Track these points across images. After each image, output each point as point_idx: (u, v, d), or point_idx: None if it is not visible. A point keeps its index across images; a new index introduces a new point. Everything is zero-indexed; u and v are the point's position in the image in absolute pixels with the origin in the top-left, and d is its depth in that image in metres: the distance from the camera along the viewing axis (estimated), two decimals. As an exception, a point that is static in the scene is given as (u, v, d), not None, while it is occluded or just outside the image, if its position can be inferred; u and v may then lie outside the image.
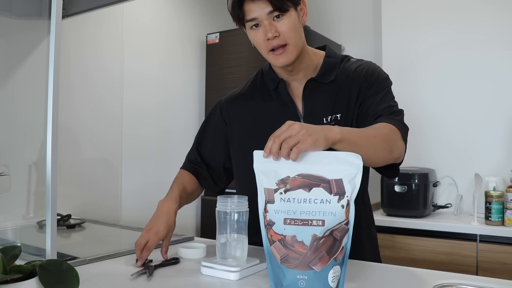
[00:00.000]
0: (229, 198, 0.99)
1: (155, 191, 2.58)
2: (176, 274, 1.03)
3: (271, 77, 1.23)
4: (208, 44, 2.87)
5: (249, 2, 1.07)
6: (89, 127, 2.20)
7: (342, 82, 1.16)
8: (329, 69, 1.18)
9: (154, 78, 2.59)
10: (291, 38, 1.09)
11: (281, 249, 0.82)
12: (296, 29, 1.10)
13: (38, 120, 1.26)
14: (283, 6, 1.06)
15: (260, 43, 1.11)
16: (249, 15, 1.08)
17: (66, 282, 0.75)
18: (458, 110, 2.42)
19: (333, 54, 1.23)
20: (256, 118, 1.23)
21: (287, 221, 0.82)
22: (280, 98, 1.21)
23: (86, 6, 1.53)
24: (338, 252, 0.81)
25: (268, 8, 1.06)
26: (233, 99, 1.31)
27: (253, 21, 1.08)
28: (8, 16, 1.47)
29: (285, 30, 1.08)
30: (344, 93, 1.15)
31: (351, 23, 3.03)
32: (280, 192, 0.84)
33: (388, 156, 1.01)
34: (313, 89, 1.17)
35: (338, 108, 1.15)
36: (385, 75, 1.18)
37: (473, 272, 1.93)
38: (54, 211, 0.95)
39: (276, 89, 1.22)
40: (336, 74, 1.17)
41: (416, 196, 2.20)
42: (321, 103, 1.16)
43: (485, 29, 2.36)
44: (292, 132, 0.83)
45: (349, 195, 0.82)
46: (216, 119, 1.32)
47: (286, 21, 1.08)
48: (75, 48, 2.12)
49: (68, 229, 1.68)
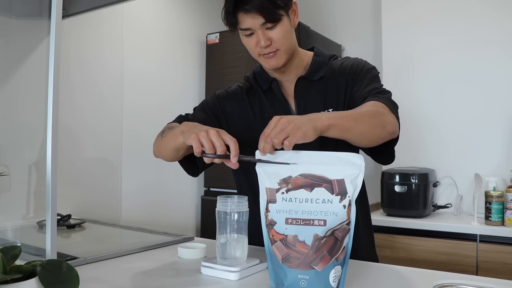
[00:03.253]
0: (229, 198, 0.99)
1: (155, 191, 2.59)
2: (176, 274, 1.03)
3: (263, 77, 1.25)
4: (208, 44, 2.87)
5: (242, 13, 1.08)
6: (89, 127, 2.20)
7: (330, 78, 1.20)
8: (318, 67, 1.22)
9: (154, 78, 2.59)
10: (282, 45, 1.12)
11: (282, 248, 0.83)
12: (288, 35, 1.13)
13: (38, 120, 1.26)
14: (276, 17, 1.08)
15: (252, 49, 1.15)
16: (242, 25, 1.10)
17: (66, 282, 0.75)
18: (458, 110, 2.43)
19: (321, 53, 1.27)
20: (251, 118, 1.24)
21: (288, 221, 0.83)
22: (273, 97, 1.23)
23: (86, 6, 1.53)
24: (339, 252, 0.81)
25: (261, 19, 1.07)
26: (229, 95, 1.30)
27: (246, 31, 1.11)
28: (8, 16, 1.47)
29: (278, 38, 1.10)
30: (332, 88, 1.18)
31: (351, 23, 3.03)
32: (282, 191, 0.84)
33: (382, 132, 1.00)
34: (304, 86, 1.20)
35: (329, 103, 1.18)
36: (371, 66, 1.21)
37: (473, 272, 1.94)
38: (54, 211, 0.95)
39: (269, 88, 1.24)
40: (325, 71, 1.20)
41: (416, 196, 2.20)
42: (313, 100, 1.19)
43: (484, 30, 2.36)
44: (281, 127, 0.84)
45: (350, 195, 0.82)
46: (213, 103, 1.29)
47: (279, 30, 1.10)
48: (76, 48, 2.12)
49: (68, 229, 1.68)
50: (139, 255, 1.21)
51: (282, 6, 1.08)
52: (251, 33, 1.11)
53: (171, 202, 2.67)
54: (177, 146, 1.04)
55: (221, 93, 1.32)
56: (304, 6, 3.04)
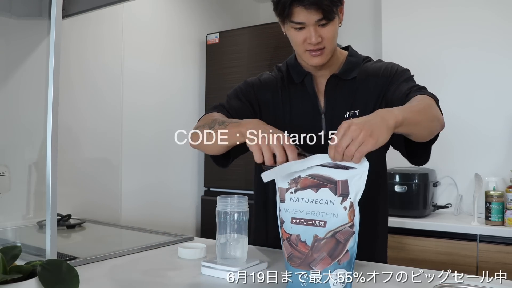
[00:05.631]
0: (229, 198, 0.99)
1: (155, 191, 2.59)
2: (176, 274, 1.03)
3: (297, 70, 1.23)
4: (208, 44, 2.87)
5: (300, 7, 1.04)
6: (89, 127, 2.20)
7: (361, 80, 1.19)
8: (351, 67, 1.21)
9: (154, 78, 2.59)
10: (331, 44, 1.11)
11: (287, 247, 0.84)
12: (336, 35, 1.12)
13: (38, 120, 1.26)
14: (332, 15, 1.06)
15: (299, 43, 1.11)
16: (297, 18, 1.07)
17: (66, 282, 0.75)
18: (458, 110, 2.42)
19: (355, 54, 1.26)
20: (280, 112, 1.22)
21: (293, 220, 0.84)
22: (304, 91, 1.22)
23: (86, 6, 1.53)
24: (341, 255, 0.80)
25: (318, 16, 1.05)
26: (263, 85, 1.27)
27: (298, 25, 1.08)
28: (8, 16, 1.47)
29: (328, 36, 1.09)
30: (363, 90, 1.18)
31: (351, 23, 3.02)
32: (291, 191, 0.85)
33: (437, 124, 1.01)
34: (335, 85, 1.20)
35: (357, 104, 1.17)
36: (404, 68, 1.22)
37: (473, 272, 1.93)
38: (54, 211, 0.95)
39: (302, 82, 1.22)
40: (358, 72, 1.20)
41: (416, 196, 2.19)
42: (341, 99, 1.18)
43: (486, 29, 2.36)
44: (352, 136, 0.79)
45: (352, 197, 0.81)
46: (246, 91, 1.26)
47: (331, 28, 1.08)
48: (76, 48, 2.12)
49: (68, 229, 1.67)
50: (139, 255, 1.21)
51: (338, 4, 1.08)
52: (302, 27, 1.08)
53: (171, 202, 2.67)
54: (231, 144, 0.99)
55: (255, 81, 1.28)
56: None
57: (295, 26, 1.08)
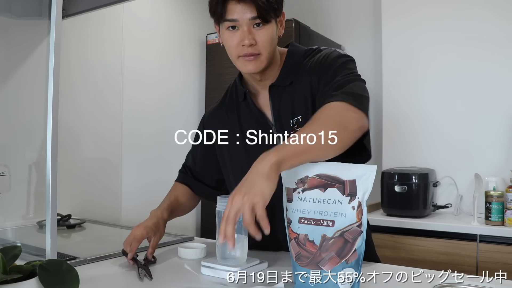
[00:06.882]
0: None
1: (155, 191, 2.57)
2: (176, 274, 1.03)
3: (239, 90, 1.21)
4: (208, 44, 2.86)
5: (235, 2, 1.02)
6: (89, 127, 2.20)
7: (299, 82, 1.12)
8: (289, 70, 1.14)
9: (154, 78, 2.59)
10: (265, 50, 1.06)
11: (295, 247, 0.85)
12: (272, 41, 1.07)
13: (38, 120, 1.26)
14: (267, 16, 1.03)
15: (232, 47, 1.07)
16: (230, 15, 1.03)
17: (66, 282, 0.75)
18: (458, 110, 2.42)
19: (295, 52, 1.17)
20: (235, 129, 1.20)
21: (301, 220, 0.85)
22: (250, 109, 1.18)
23: (86, 6, 1.53)
24: (350, 255, 0.81)
25: (252, 14, 1.02)
26: (213, 112, 1.30)
27: (232, 22, 1.04)
28: (8, 16, 1.47)
29: (263, 40, 1.05)
30: (299, 93, 1.11)
31: (351, 23, 3.03)
32: (298, 191, 0.86)
33: (345, 134, 0.89)
34: (276, 95, 1.14)
35: (298, 110, 1.10)
36: (336, 54, 1.10)
37: (473, 272, 1.93)
38: (54, 211, 0.95)
39: (245, 100, 1.19)
40: (295, 74, 1.13)
41: (416, 196, 2.19)
42: (285, 108, 1.12)
43: (484, 31, 2.35)
44: (237, 206, 0.78)
45: (360, 196, 0.82)
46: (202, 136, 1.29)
47: (265, 32, 1.04)
48: (76, 48, 2.12)
49: (68, 229, 1.68)
50: (139, 255, 1.20)
51: (275, 8, 1.04)
52: (235, 27, 1.04)
53: (171, 202, 2.66)
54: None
55: (206, 115, 1.33)
56: (304, 6, 3.04)
57: (229, 25, 1.05)
